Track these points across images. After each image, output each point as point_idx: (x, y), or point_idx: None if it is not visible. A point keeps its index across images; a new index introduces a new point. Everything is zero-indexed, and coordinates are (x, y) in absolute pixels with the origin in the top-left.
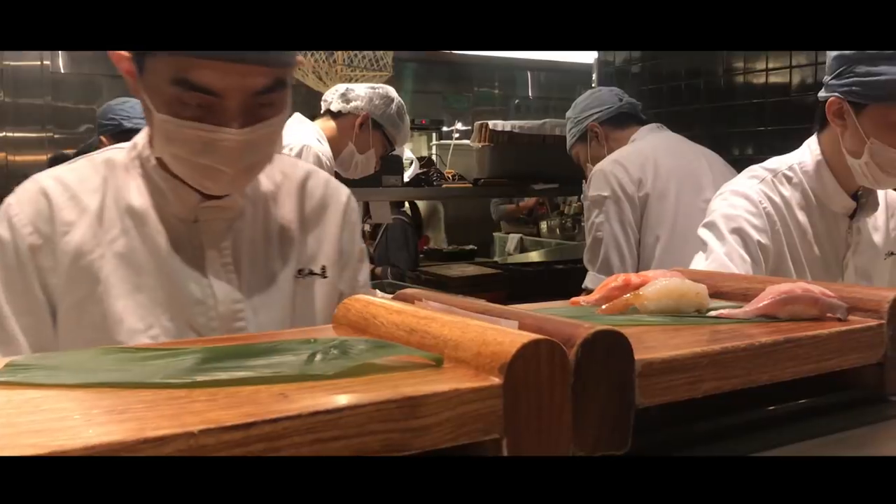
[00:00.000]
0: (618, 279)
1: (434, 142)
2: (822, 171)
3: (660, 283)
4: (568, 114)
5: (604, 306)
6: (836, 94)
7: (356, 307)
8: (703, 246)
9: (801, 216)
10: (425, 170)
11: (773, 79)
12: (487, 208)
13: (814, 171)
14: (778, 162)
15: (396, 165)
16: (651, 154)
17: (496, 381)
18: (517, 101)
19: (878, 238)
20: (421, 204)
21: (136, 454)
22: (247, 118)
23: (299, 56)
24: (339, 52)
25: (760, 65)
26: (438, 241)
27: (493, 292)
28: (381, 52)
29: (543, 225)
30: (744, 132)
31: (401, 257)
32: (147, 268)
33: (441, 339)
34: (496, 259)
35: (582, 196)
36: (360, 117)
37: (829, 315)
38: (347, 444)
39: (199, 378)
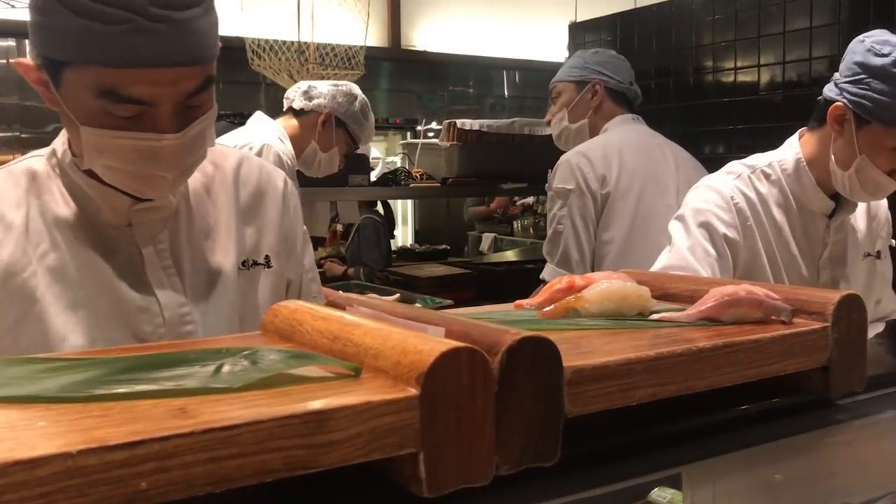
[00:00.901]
0: (562, 281)
1: (402, 141)
2: (801, 170)
3: (601, 286)
4: (579, 52)
5: (545, 309)
6: (845, 100)
7: (283, 313)
8: (669, 237)
9: (778, 213)
10: (395, 168)
11: (741, 77)
12: (461, 208)
13: (793, 170)
14: (758, 159)
15: (363, 165)
16: (618, 151)
17: (413, 392)
18: (492, 100)
19: (855, 239)
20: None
21: (5, 479)
22: (181, 121)
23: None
24: (311, 51)
25: (729, 64)
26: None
27: (463, 292)
28: (354, 50)
29: (517, 224)
30: (713, 131)
31: (372, 257)
32: (83, 280)
33: (362, 348)
34: (469, 259)
35: (546, 186)
36: (322, 115)
37: (773, 318)
38: (246, 463)
39: (98, 391)
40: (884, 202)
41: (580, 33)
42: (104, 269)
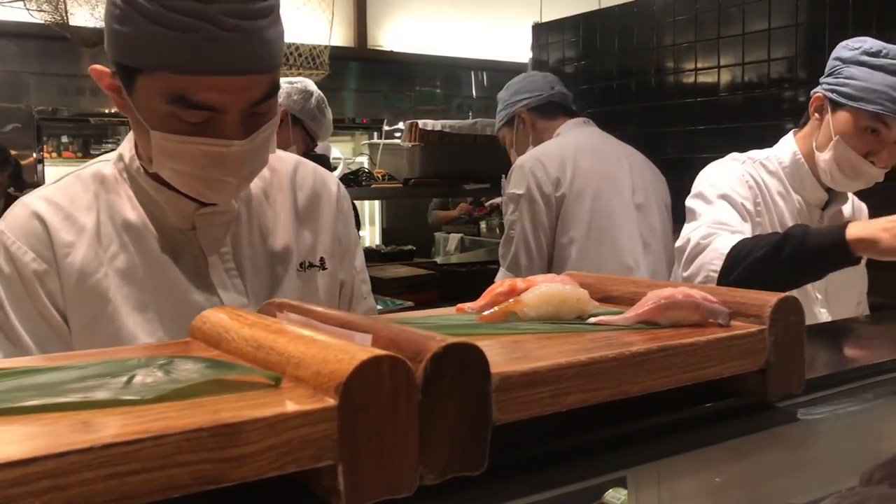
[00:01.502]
0: (503, 284)
1: (365, 141)
2: (797, 163)
3: (539, 290)
4: (500, 94)
5: (484, 313)
6: (822, 90)
7: (212, 320)
8: (690, 216)
9: (780, 201)
10: (357, 169)
11: (701, 78)
12: (427, 209)
13: (790, 163)
14: (754, 153)
15: (324, 165)
16: (572, 153)
17: (331, 402)
18: (459, 100)
19: None
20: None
21: None
22: (247, 128)
23: None
24: None
25: (690, 65)
26: None
27: (426, 293)
28: (318, 49)
29: (483, 224)
30: (674, 132)
31: None
32: (150, 282)
33: (285, 357)
34: (435, 259)
35: (502, 190)
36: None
37: (711, 321)
38: (151, 479)
39: (2, 405)
40: (864, 206)
41: (543, 34)
42: (170, 271)
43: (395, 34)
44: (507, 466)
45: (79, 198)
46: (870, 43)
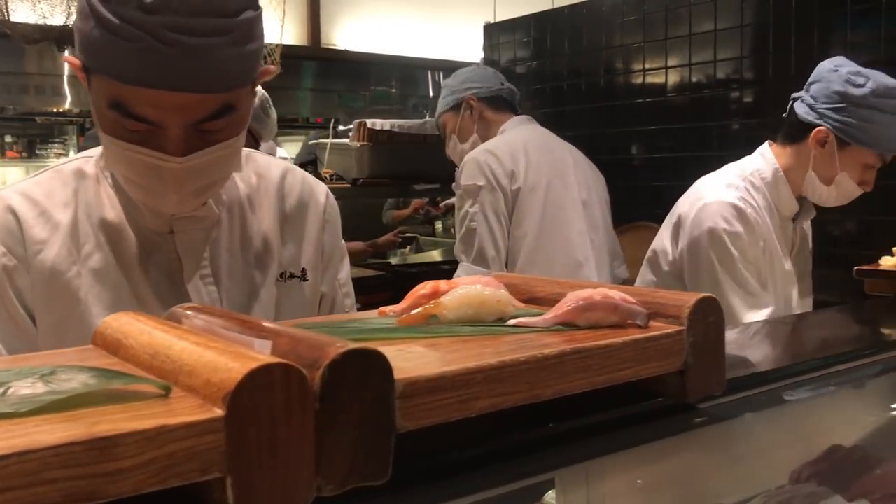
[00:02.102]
0: (426, 286)
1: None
2: (778, 180)
3: (459, 292)
4: (446, 81)
5: (403, 316)
6: (829, 125)
7: (114, 326)
8: (701, 268)
9: (768, 216)
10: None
11: (650, 79)
12: (382, 209)
13: (771, 178)
14: (741, 169)
15: None
16: (522, 147)
17: (218, 412)
18: (415, 100)
19: (809, 240)
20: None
21: None
22: (192, 144)
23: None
24: None
25: (638, 66)
26: None
27: (377, 294)
28: (270, 48)
29: (439, 225)
30: (624, 132)
31: None
32: (123, 285)
33: (178, 365)
34: (390, 260)
35: (454, 185)
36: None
37: (630, 322)
38: (17, 497)
39: None
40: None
41: (495, 34)
42: (144, 274)
43: (349, 33)
44: (416, 474)
45: (57, 193)
46: (874, 81)
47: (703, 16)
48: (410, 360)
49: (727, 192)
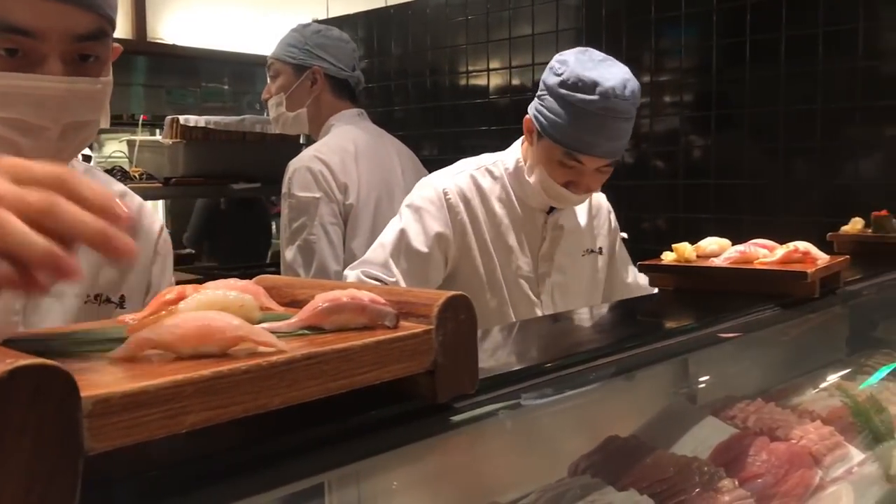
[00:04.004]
0: (172, 291)
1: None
2: (519, 170)
3: (198, 297)
4: (300, 27)
5: (133, 324)
6: (531, 113)
7: None
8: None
9: (499, 207)
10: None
11: (473, 81)
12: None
13: (514, 169)
14: (486, 157)
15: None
16: (354, 159)
17: None
18: (250, 97)
19: (575, 236)
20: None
21: None
22: (68, 68)
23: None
24: None
25: (462, 67)
26: None
27: None
28: None
29: (274, 226)
30: (448, 132)
31: None
32: None
33: None
34: (220, 263)
35: (284, 193)
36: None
37: (379, 323)
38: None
39: None
40: (605, 201)
41: None
42: None
43: (177, 27)
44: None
45: None
46: (570, 71)
47: (522, 20)
48: (114, 373)
49: (441, 176)
